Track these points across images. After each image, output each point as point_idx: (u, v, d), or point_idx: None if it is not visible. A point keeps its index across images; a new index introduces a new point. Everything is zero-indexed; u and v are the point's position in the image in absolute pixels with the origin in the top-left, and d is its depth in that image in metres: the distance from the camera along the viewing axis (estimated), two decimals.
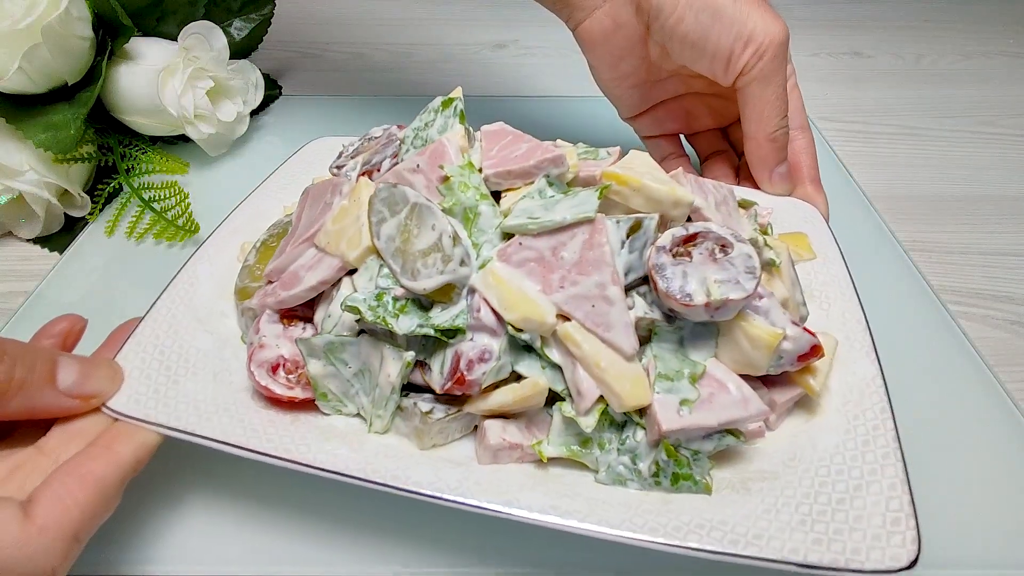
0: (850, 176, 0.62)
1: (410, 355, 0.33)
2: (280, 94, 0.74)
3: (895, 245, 0.54)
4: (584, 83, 0.74)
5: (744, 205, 0.43)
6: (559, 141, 0.41)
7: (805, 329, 0.33)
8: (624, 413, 0.32)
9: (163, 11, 0.61)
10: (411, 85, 0.78)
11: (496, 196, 0.36)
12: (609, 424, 0.33)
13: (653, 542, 0.28)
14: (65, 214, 0.55)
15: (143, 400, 0.32)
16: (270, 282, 0.37)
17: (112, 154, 0.58)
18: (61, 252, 0.52)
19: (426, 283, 0.33)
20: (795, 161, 0.49)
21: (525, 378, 0.33)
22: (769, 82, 0.45)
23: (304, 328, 0.36)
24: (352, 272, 0.35)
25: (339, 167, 0.43)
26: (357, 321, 0.34)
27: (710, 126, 0.55)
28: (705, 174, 0.53)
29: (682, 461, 0.31)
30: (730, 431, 0.32)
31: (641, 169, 0.35)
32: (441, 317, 0.33)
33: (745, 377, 0.33)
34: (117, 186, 0.56)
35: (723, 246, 0.33)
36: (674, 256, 0.33)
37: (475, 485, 0.30)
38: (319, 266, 0.36)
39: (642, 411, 0.32)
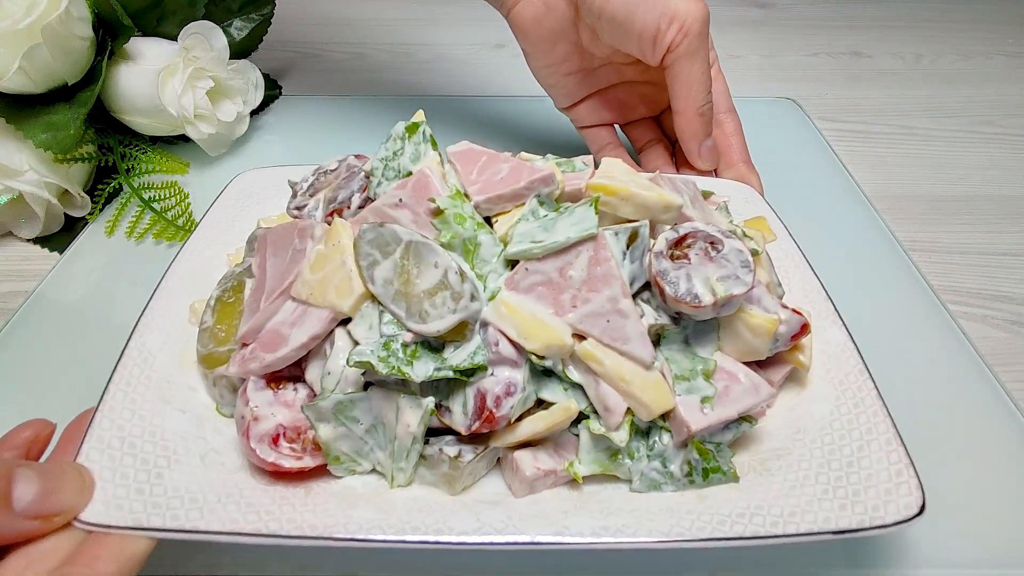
0: (850, 176, 0.62)
1: (429, 401, 0.31)
2: (280, 94, 0.74)
3: (895, 245, 0.54)
4: None
5: (703, 196, 0.44)
6: (523, 154, 0.41)
7: (794, 310, 0.34)
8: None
9: (163, 11, 0.61)
10: (411, 85, 0.78)
11: (487, 221, 0.35)
12: (635, 433, 0.33)
13: (709, 539, 0.28)
14: (65, 214, 0.55)
15: (124, 504, 0.28)
16: (244, 344, 0.34)
17: (112, 154, 0.58)
18: (61, 252, 0.52)
19: (439, 324, 0.31)
20: (726, 143, 0.52)
21: (547, 404, 0.33)
22: (695, 58, 0.47)
23: (295, 389, 0.33)
24: (344, 322, 0.33)
25: (299, 208, 0.40)
26: (364, 374, 0.32)
27: (644, 115, 0.57)
28: (643, 163, 0.56)
29: (710, 456, 0.32)
30: (744, 418, 0.33)
31: (624, 177, 0.36)
32: (457, 357, 0.31)
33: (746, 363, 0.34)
34: (117, 186, 0.56)
35: (712, 243, 0.34)
36: (672, 260, 0.33)
37: (521, 521, 0.30)
38: (305, 321, 0.33)
39: (665, 415, 0.33)
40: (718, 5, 1.01)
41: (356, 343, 0.32)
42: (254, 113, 0.68)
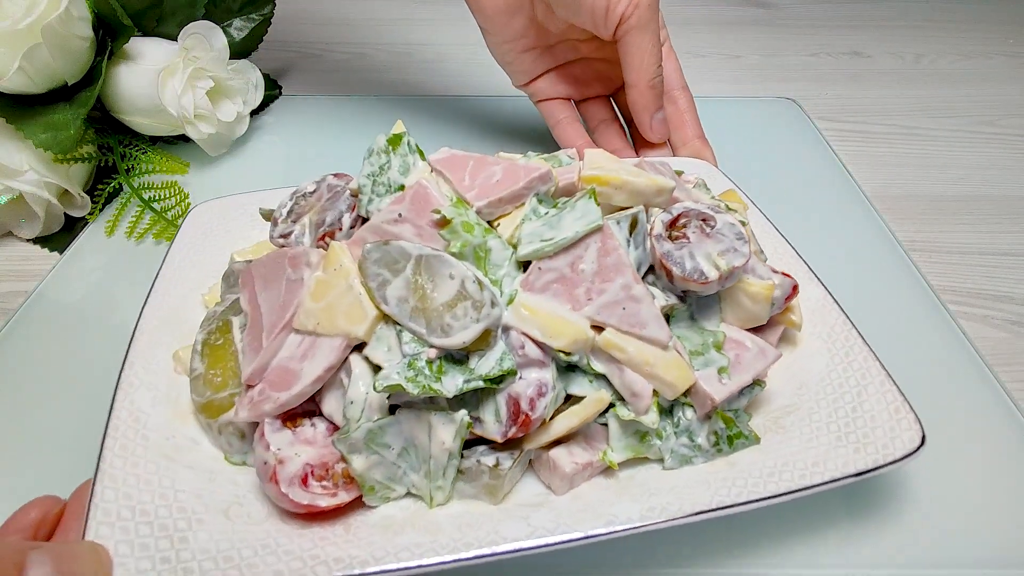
0: (850, 176, 0.62)
1: (462, 414, 0.31)
2: (280, 94, 0.74)
3: (895, 245, 0.54)
4: None
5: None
6: (501, 153, 0.41)
7: (783, 274, 0.37)
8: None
9: (163, 11, 0.61)
10: (411, 85, 0.78)
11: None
12: (660, 413, 0.33)
13: (752, 502, 0.30)
14: (65, 214, 0.55)
15: None
16: (250, 386, 0.32)
17: (112, 154, 0.58)
18: (61, 252, 0.52)
19: (464, 335, 0.30)
20: (680, 119, 0.55)
21: (575, 398, 0.33)
22: (646, 30, 0.49)
23: (313, 425, 0.32)
24: (358, 348, 0.32)
25: (284, 235, 0.38)
26: (388, 398, 0.31)
27: (599, 92, 0.59)
28: (598, 142, 0.58)
29: (733, 423, 0.33)
30: (756, 382, 0.34)
31: (613, 166, 0.36)
32: (484, 365, 0.31)
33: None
34: (117, 186, 0.56)
35: (705, 220, 0.35)
36: (672, 241, 0.35)
37: (570, 518, 0.30)
38: (316, 352, 0.31)
39: (687, 391, 0.33)
40: (718, 5, 1.01)
41: (376, 367, 0.31)
42: (254, 113, 0.68)
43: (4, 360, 0.43)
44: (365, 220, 0.36)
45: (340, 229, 0.36)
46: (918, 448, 0.31)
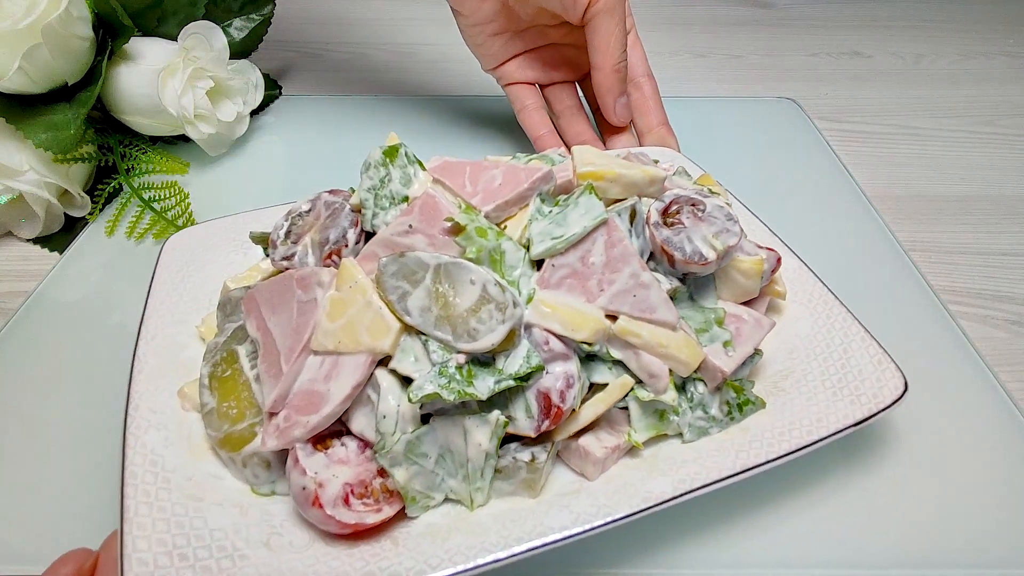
0: (850, 176, 0.62)
1: (496, 414, 0.31)
2: (280, 94, 0.74)
3: (895, 245, 0.54)
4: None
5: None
6: (489, 158, 0.41)
7: (768, 248, 0.39)
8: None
9: (163, 11, 0.61)
10: (412, 85, 0.78)
11: None
12: (676, 390, 0.35)
13: (771, 461, 0.32)
14: (65, 214, 0.55)
15: None
16: (272, 414, 0.32)
17: (112, 154, 0.58)
18: (61, 252, 0.52)
19: (492, 338, 0.31)
20: (645, 106, 0.57)
21: (598, 386, 0.35)
22: (612, 14, 0.51)
23: (344, 444, 0.32)
24: (382, 362, 0.32)
25: (287, 257, 0.37)
26: (421, 408, 0.31)
27: (567, 77, 0.60)
28: (563, 128, 0.59)
29: (742, 391, 0.36)
30: (756, 351, 0.37)
31: (605, 160, 0.38)
32: (512, 365, 0.32)
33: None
34: (117, 186, 0.56)
35: (695, 204, 0.37)
36: (669, 227, 0.37)
37: (608, 500, 0.31)
38: (340, 372, 0.31)
39: (697, 367, 0.35)
40: (718, 5, 1.01)
41: (404, 379, 0.31)
42: (254, 113, 0.68)
43: (4, 360, 0.43)
44: (370, 235, 0.36)
45: (346, 246, 0.36)
46: (902, 394, 0.34)
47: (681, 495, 0.31)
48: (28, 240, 0.54)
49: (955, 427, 0.40)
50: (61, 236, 0.54)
